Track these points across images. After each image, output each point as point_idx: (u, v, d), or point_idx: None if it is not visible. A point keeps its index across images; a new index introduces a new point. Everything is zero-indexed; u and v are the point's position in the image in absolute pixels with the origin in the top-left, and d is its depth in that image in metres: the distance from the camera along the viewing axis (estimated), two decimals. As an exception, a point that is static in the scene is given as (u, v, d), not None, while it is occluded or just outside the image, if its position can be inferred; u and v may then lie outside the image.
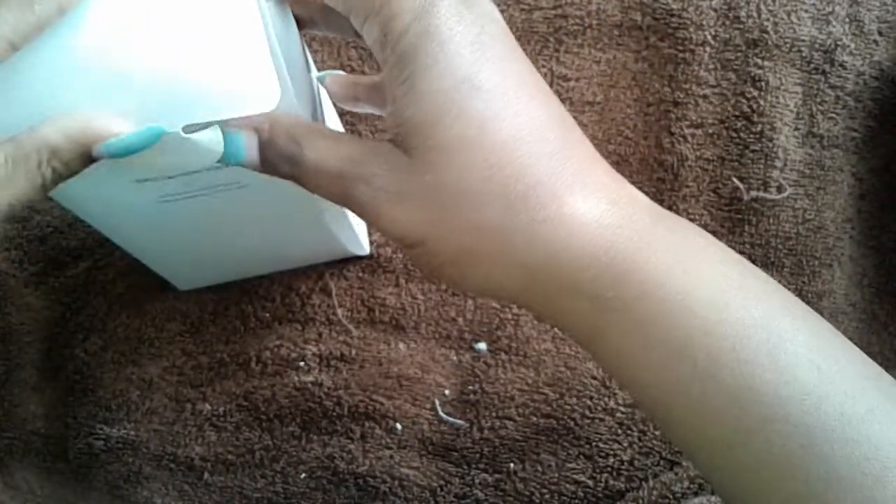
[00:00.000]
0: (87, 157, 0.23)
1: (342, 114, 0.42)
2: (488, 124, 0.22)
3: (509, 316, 0.40)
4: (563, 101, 0.42)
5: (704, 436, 0.21)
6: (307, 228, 0.35)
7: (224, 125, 0.24)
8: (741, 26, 0.41)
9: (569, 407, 0.39)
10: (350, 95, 0.32)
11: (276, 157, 0.24)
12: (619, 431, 0.38)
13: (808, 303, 0.39)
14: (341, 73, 0.33)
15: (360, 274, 0.41)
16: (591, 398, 0.39)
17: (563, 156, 0.22)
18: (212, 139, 0.24)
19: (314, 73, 0.32)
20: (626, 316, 0.21)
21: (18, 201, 0.22)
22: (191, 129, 0.24)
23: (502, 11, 0.42)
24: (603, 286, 0.21)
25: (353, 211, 0.24)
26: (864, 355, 0.22)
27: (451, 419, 0.39)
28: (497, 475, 0.39)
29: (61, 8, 0.22)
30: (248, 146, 0.24)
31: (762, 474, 0.20)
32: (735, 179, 0.40)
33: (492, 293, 0.23)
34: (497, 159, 0.21)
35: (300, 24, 0.28)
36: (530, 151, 0.22)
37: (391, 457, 0.39)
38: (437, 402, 0.39)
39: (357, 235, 0.38)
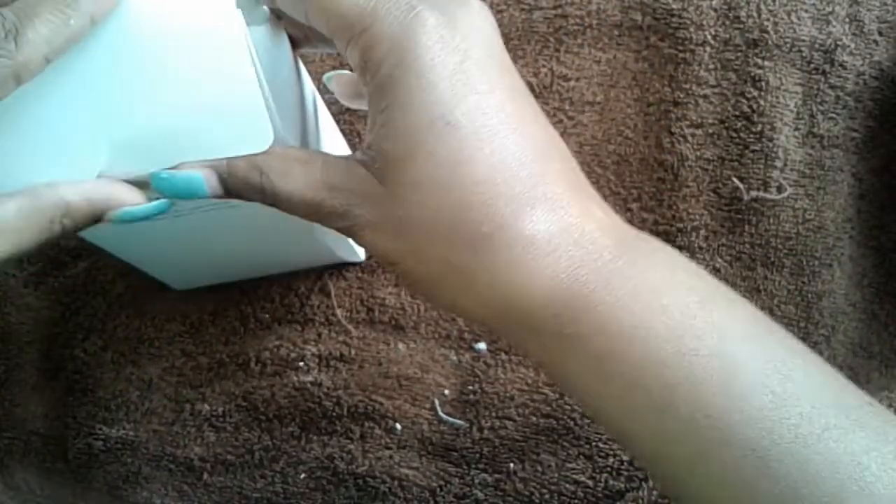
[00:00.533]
0: (96, 219, 0.24)
1: (341, 112, 0.42)
2: (461, 166, 0.22)
3: (509, 316, 0.40)
4: (563, 101, 0.42)
5: (664, 460, 0.22)
6: (298, 241, 0.35)
7: (174, 170, 0.24)
8: (741, 26, 0.41)
9: (569, 407, 0.39)
10: (354, 92, 0.32)
11: (244, 189, 0.24)
12: (619, 432, 0.38)
13: (807, 303, 0.39)
14: (346, 72, 0.33)
15: (360, 274, 0.41)
16: (590, 398, 0.39)
17: (531, 196, 0.22)
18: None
19: (308, 85, 0.32)
20: (584, 351, 0.22)
21: (20, 251, 0.23)
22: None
23: (502, 12, 0.42)
24: (561, 324, 0.22)
25: (335, 230, 0.24)
26: (829, 370, 0.22)
27: (450, 419, 0.39)
28: (497, 475, 0.39)
29: (94, 20, 0.22)
30: (208, 181, 0.24)
31: (721, 495, 0.21)
32: (735, 179, 0.40)
33: (459, 315, 0.25)
34: (466, 201, 0.22)
35: (296, 42, 0.28)
36: (498, 193, 0.22)
37: (391, 457, 0.39)
38: (436, 402, 0.39)
39: (350, 244, 0.38)
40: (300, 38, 0.28)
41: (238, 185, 0.24)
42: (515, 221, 0.22)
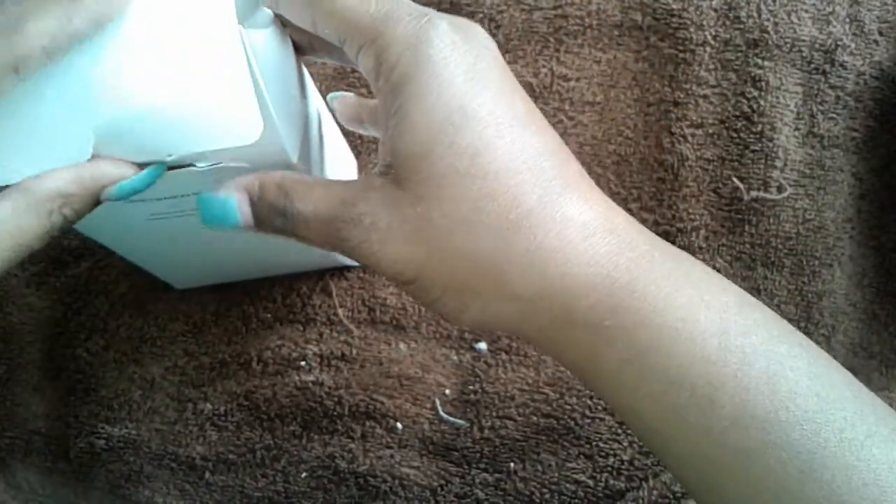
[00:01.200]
0: (95, 202, 0.24)
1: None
2: (481, 155, 0.21)
3: (510, 316, 0.40)
4: (563, 101, 0.42)
5: (702, 463, 0.21)
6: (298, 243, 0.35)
7: (214, 192, 0.24)
8: (741, 26, 0.41)
9: (569, 407, 0.39)
10: (354, 117, 0.32)
11: (269, 213, 0.24)
12: (619, 431, 0.38)
13: (807, 303, 0.39)
14: (350, 95, 0.33)
15: (361, 274, 0.41)
16: (591, 398, 0.39)
17: (557, 184, 0.22)
18: (192, 172, 0.24)
19: (312, 96, 0.32)
20: (624, 345, 0.21)
21: (27, 248, 0.23)
22: (174, 161, 0.24)
23: (502, 12, 0.43)
24: (600, 315, 0.21)
25: (347, 255, 0.24)
26: (859, 382, 0.22)
27: (451, 419, 0.39)
28: (497, 475, 0.39)
29: (98, 22, 0.22)
30: (242, 208, 0.24)
31: (761, 500, 0.20)
32: (735, 179, 0.40)
33: (488, 325, 0.23)
34: (490, 190, 0.21)
35: (299, 50, 0.28)
36: (523, 180, 0.21)
37: (392, 456, 0.39)
38: (437, 402, 0.40)
39: None
40: (305, 45, 0.28)
41: (265, 209, 0.24)
42: (545, 207, 0.21)
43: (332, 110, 0.34)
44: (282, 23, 0.26)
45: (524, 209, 0.21)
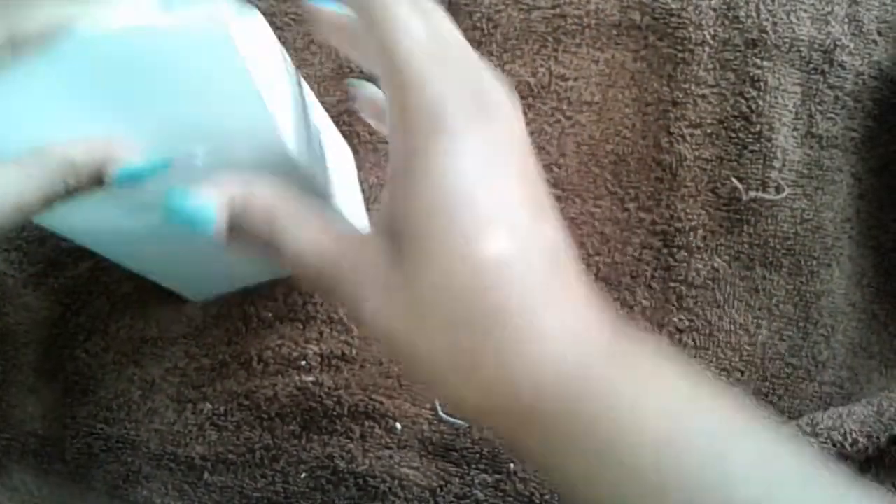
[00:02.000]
0: (98, 179, 0.24)
1: (340, 114, 0.42)
2: (477, 243, 0.22)
3: (509, 316, 0.40)
4: (561, 100, 0.42)
5: None
6: None
7: (190, 190, 0.23)
8: (740, 26, 0.41)
9: (568, 406, 0.39)
10: (379, 114, 0.33)
11: (250, 234, 0.24)
12: (619, 431, 0.38)
13: (806, 303, 0.39)
14: (373, 87, 0.33)
15: (360, 274, 0.41)
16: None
17: (542, 289, 0.22)
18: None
19: (305, 89, 0.32)
20: (579, 443, 0.22)
21: (26, 206, 0.23)
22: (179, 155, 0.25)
23: (500, 11, 0.43)
24: (557, 417, 0.22)
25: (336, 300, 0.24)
26: (812, 453, 0.23)
27: (450, 419, 0.39)
28: (497, 475, 0.39)
29: (60, 24, 0.22)
30: (219, 219, 0.24)
31: None
32: (734, 179, 0.40)
33: (462, 410, 0.24)
34: (482, 283, 0.22)
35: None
36: (513, 279, 0.22)
37: (391, 456, 0.39)
38: (436, 402, 0.39)
39: None
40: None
41: (247, 229, 0.24)
42: (526, 312, 0.22)
43: (351, 98, 0.34)
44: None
45: (508, 313, 0.22)
